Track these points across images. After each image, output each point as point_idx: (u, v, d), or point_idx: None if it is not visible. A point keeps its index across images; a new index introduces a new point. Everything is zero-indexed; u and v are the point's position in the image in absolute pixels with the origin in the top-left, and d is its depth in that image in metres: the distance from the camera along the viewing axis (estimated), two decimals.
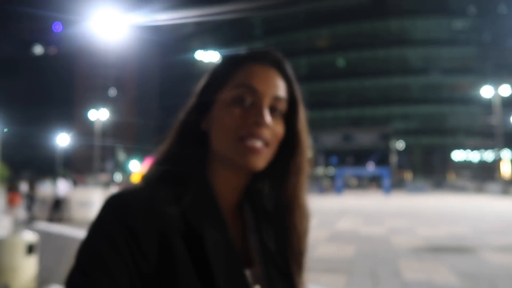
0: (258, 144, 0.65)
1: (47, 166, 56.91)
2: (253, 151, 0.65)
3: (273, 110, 0.68)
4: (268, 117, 0.66)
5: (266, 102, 0.67)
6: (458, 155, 50.10)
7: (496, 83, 34.03)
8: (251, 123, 0.65)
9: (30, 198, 13.52)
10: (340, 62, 54.49)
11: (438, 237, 9.32)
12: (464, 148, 49.24)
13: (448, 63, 50.42)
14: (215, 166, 0.69)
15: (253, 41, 57.87)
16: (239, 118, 0.66)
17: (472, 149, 47.71)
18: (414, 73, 51.26)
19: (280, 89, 0.70)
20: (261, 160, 0.66)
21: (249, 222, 0.73)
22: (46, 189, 19.10)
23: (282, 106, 0.70)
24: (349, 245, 8.27)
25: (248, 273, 0.66)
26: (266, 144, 0.66)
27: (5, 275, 3.37)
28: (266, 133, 0.66)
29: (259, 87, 0.67)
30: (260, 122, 0.65)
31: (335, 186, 32.32)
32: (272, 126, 0.67)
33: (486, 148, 48.05)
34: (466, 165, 49.33)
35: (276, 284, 0.69)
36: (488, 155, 47.90)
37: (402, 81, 51.91)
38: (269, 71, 0.70)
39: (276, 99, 0.69)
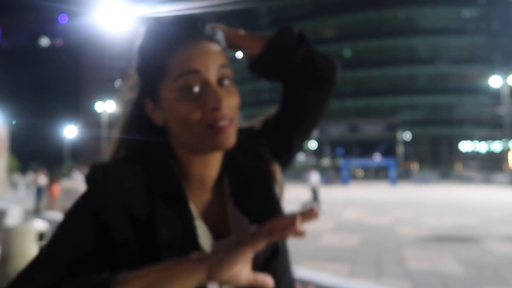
0: (225, 123, 0.66)
1: (55, 158, 57.48)
2: (222, 131, 0.66)
3: (222, 81, 0.68)
4: (222, 95, 0.66)
5: (213, 79, 0.67)
6: (465, 146, 49.73)
7: (505, 72, 33.56)
8: (210, 110, 0.65)
9: (38, 189, 13.63)
10: (347, 52, 54.03)
11: (443, 227, 9.34)
12: (472, 138, 48.85)
13: (456, 53, 49.79)
14: (181, 152, 0.71)
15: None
16: (197, 110, 0.65)
17: (480, 139, 47.32)
18: (422, 63, 50.71)
19: (219, 57, 0.68)
20: (232, 137, 0.68)
21: (226, 191, 0.73)
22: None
23: (228, 73, 0.69)
24: (354, 234, 8.32)
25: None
26: (231, 120, 0.68)
27: (17, 261, 3.48)
28: (228, 112, 0.67)
29: (200, 68, 0.66)
30: (218, 106, 0.65)
31: (341, 177, 32.26)
32: (228, 99, 0.67)
33: (494, 138, 47.63)
34: (473, 156, 48.96)
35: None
36: (496, 146, 47.50)
37: (409, 71, 51.40)
38: (201, 46, 0.67)
39: (220, 68, 0.68)
